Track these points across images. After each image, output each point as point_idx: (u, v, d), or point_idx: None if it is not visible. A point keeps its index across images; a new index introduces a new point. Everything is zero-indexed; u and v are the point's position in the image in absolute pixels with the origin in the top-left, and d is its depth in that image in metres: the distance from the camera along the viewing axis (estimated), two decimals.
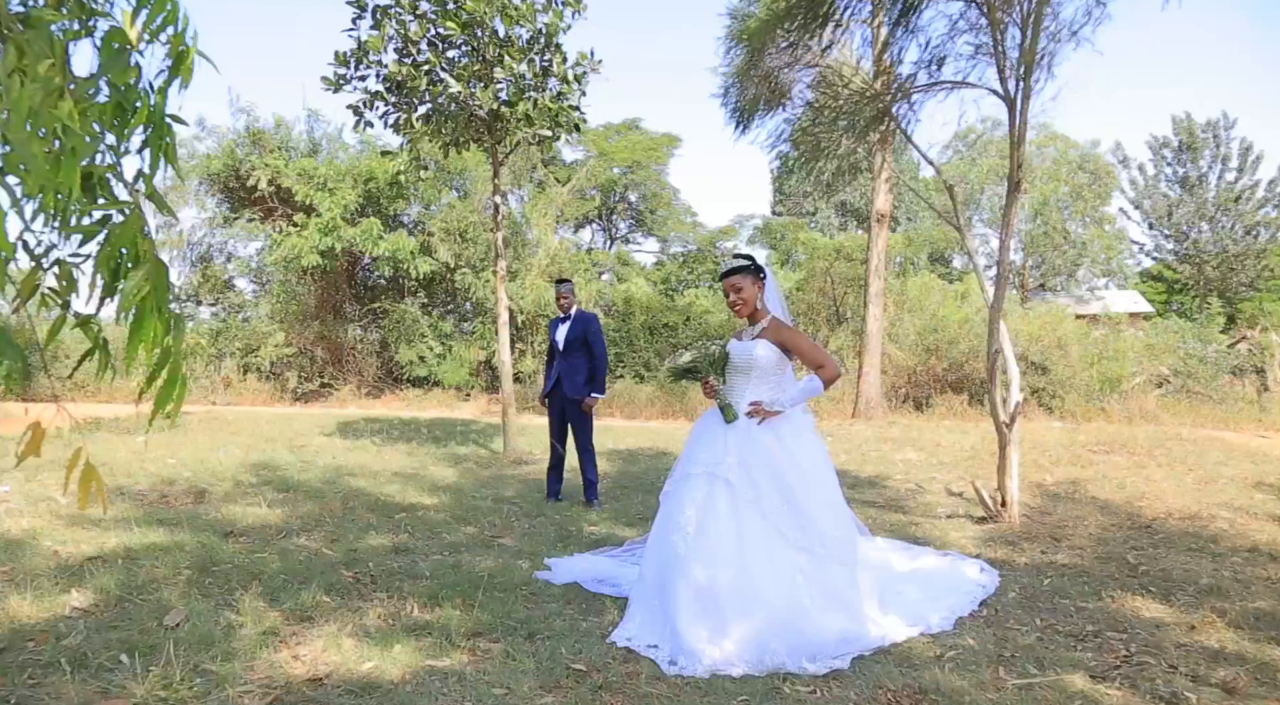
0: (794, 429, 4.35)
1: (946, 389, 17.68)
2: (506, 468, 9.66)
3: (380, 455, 10.39)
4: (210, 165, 19.78)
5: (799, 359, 4.48)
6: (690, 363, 4.44)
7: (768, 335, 4.43)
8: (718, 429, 4.40)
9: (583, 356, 7.51)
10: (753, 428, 4.31)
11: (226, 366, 20.51)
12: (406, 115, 9.47)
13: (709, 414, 4.58)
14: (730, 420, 4.35)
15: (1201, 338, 19.90)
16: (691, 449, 4.48)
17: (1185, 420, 15.84)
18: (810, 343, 4.56)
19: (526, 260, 20.89)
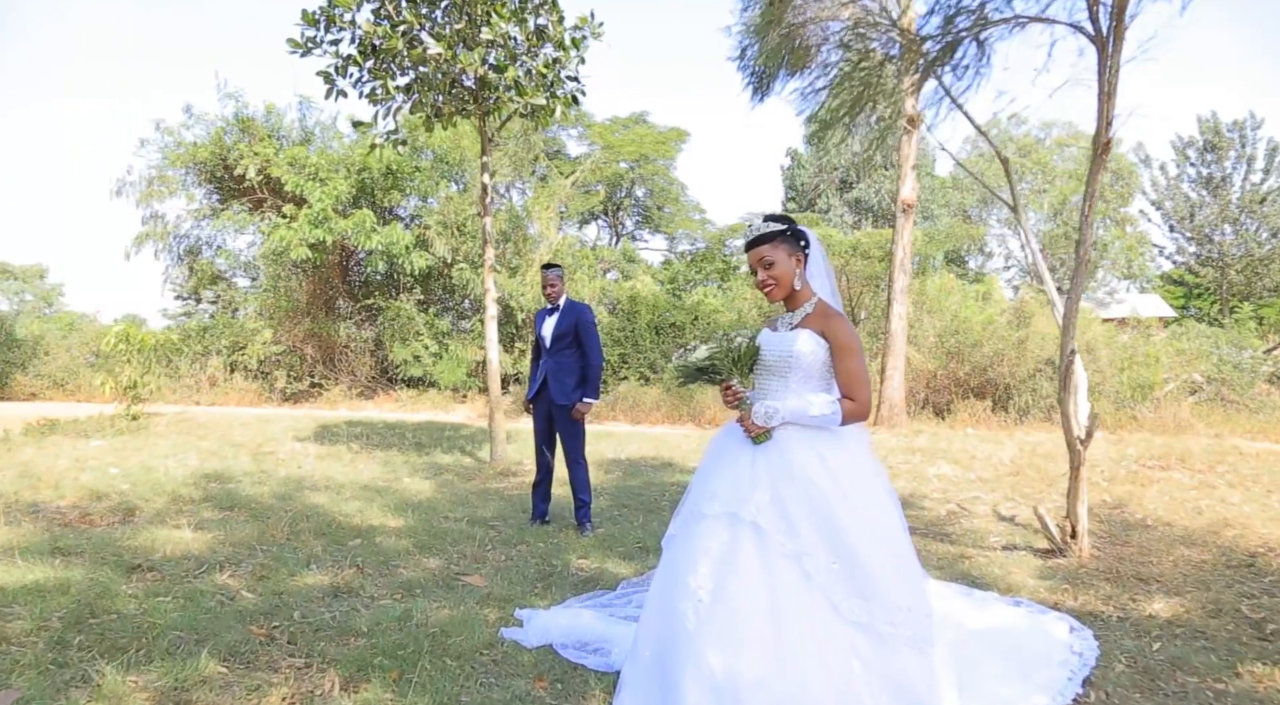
0: (845, 452, 3.15)
1: (969, 394, 16.46)
2: (490, 480, 8.48)
3: (353, 464, 9.22)
4: (196, 154, 18.63)
5: (834, 370, 3.22)
6: (707, 360, 3.22)
7: (813, 324, 3.22)
8: (742, 452, 3.20)
9: (573, 354, 6.33)
10: (791, 450, 3.10)
11: (213, 364, 19.37)
12: (383, 82, 8.29)
13: (729, 429, 3.38)
14: (760, 440, 3.16)
15: (1236, 343, 18.69)
16: (706, 479, 3.27)
17: (1221, 429, 14.63)
18: (861, 357, 3.21)
19: (528, 255, 19.72)
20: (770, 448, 3.12)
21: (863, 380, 3.13)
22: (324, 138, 20.02)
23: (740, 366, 3.21)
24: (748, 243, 3.30)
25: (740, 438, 3.23)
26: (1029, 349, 16.48)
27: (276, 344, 19.21)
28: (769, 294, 3.27)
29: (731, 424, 3.38)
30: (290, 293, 19.80)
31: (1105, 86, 4.96)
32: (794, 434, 3.12)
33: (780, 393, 3.18)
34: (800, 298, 3.29)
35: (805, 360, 3.13)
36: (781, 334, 3.25)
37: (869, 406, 3.15)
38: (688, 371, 3.27)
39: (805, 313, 3.26)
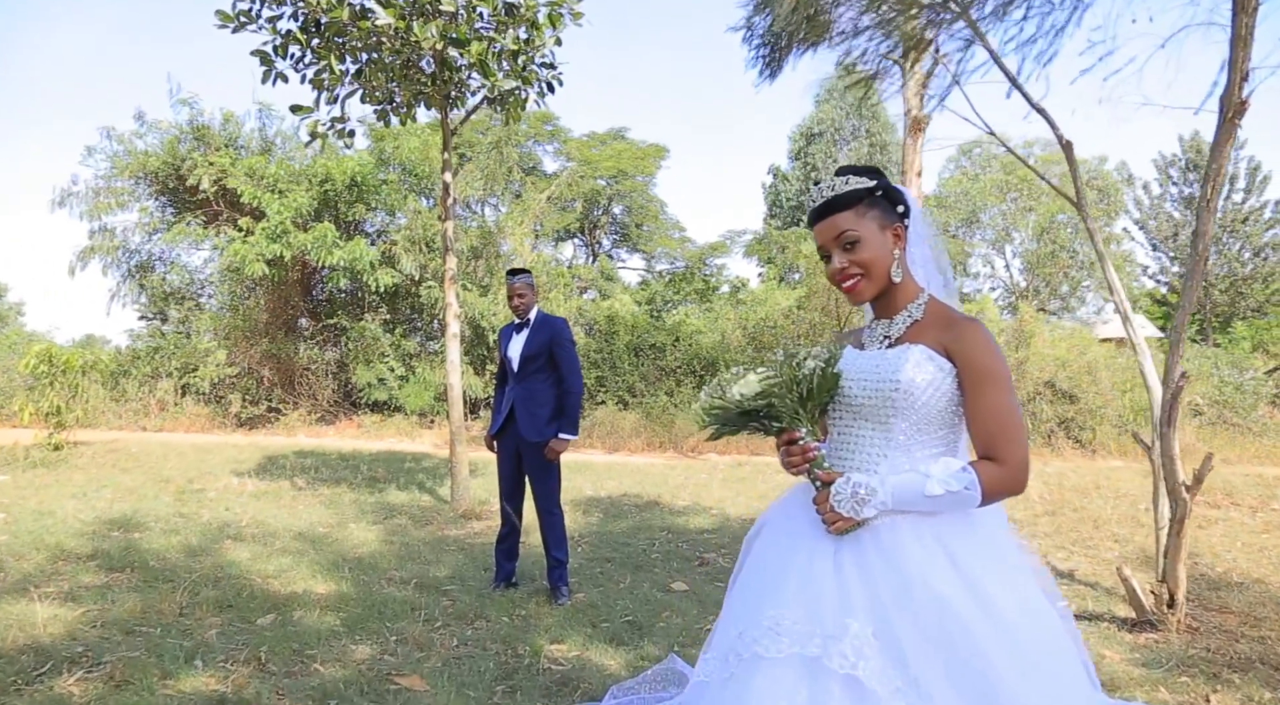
0: (987, 548, 1.88)
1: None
2: (449, 525, 7.16)
3: (292, 505, 7.88)
4: (147, 163, 17.23)
5: (965, 411, 1.93)
6: (757, 398, 1.95)
7: (926, 336, 1.97)
8: (819, 549, 1.92)
9: (546, 380, 5.06)
10: (903, 549, 1.84)
11: (162, 388, 17.87)
12: (328, 61, 7.02)
13: (791, 504, 2.13)
14: (844, 528, 1.91)
15: (1236, 365, 17.72)
16: (760, 593, 1.98)
17: (1227, 454, 13.64)
18: (1011, 390, 1.90)
19: (500, 273, 18.42)
20: (866, 543, 1.86)
21: (1015, 428, 1.86)
22: (285, 148, 18.71)
23: (810, 408, 1.95)
24: (816, 210, 2.04)
25: (812, 522, 1.97)
26: (1029, 372, 15.40)
27: (231, 366, 17.76)
28: (852, 291, 2.01)
29: (794, 493, 2.14)
30: (248, 311, 18.39)
31: (1240, 28, 3.79)
32: (905, 524, 1.87)
33: (876, 450, 1.93)
34: (901, 296, 2.04)
35: (919, 396, 1.88)
36: (876, 355, 1.99)
37: (1025, 471, 1.87)
38: (723, 416, 1.98)
39: (910, 319, 2.01)
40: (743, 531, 7.13)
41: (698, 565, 5.83)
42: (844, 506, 1.84)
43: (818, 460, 1.92)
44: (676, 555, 6.10)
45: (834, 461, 1.97)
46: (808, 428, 1.93)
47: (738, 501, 8.41)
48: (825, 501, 1.88)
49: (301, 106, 7.25)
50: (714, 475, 10.25)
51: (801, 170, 28.30)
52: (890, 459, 1.91)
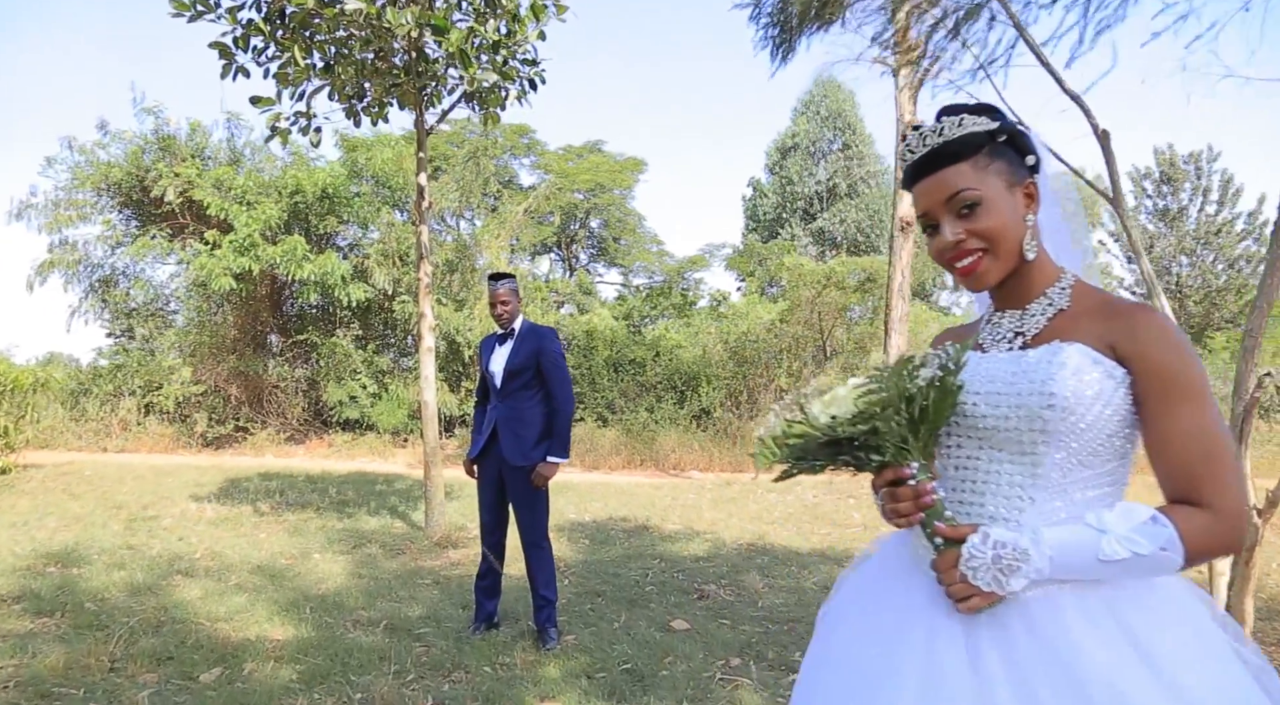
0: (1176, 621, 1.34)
1: None
2: (424, 554, 6.55)
3: (253, 533, 7.24)
4: (109, 173, 16.50)
5: (1147, 434, 1.36)
6: (855, 420, 1.36)
7: (1083, 331, 1.39)
8: (938, 632, 1.36)
9: (533, 397, 4.50)
10: (1074, 639, 1.26)
11: (125, 407, 17.08)
12: (292, 52, 6.44)
13: (885, 566, 1.57)
14: (980, 606, 1.33)
15: (1221, 376, 17.41)
16: (850, 695, 1.41)
17: None
18: (1214, 406, 1.33)
19: (476, 287, 17.82)
20: (1013, 625, 1.30)
21: (1224, 458, 1.30)
22: (254, 159, 18.02)
23: (924, 433, 1.40)
24: (917, 163, 1.50)
25: (929, 594, 1.42)
26: None
27: (197, 383, 17.01)
28: (970, 274, 1.45)
29: (891, 548, 1.59)
30: (215, 327, 17.67)
31: None
32: (1068, 597, 1.32)
33: (1014, 492, 1.37)
34: (1038, 277, 1.49)
35: (1083, 415, 1.32)
36: (1010, 359, 1.43)
37: (1242, 521, 1.32)
38: (801, 448, 1.42)
39: (1052, 307, 1.46)
40: (740, 559, 6.60)
41: (697, 599, 5.27)
42: (983, 576, 1.29)
43: (937, 509, 1.37)
44: (673, 587, 5.53)
45: (951, 508, 1.43)
46: (920, 462, 1.39)
47: (731, 524, 7.86)
48: (952, 568, 1.33)
49: (262, 98, 6.66)
50: (702, 495, 9.69)
51: (778, 184, 27.91)
52: (1037, 504, 1.36)
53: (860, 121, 26.93)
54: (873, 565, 1.61)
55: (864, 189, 26.43)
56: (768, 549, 6.74)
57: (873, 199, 26.28)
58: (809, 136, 27.07)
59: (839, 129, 26.93)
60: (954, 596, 1.33)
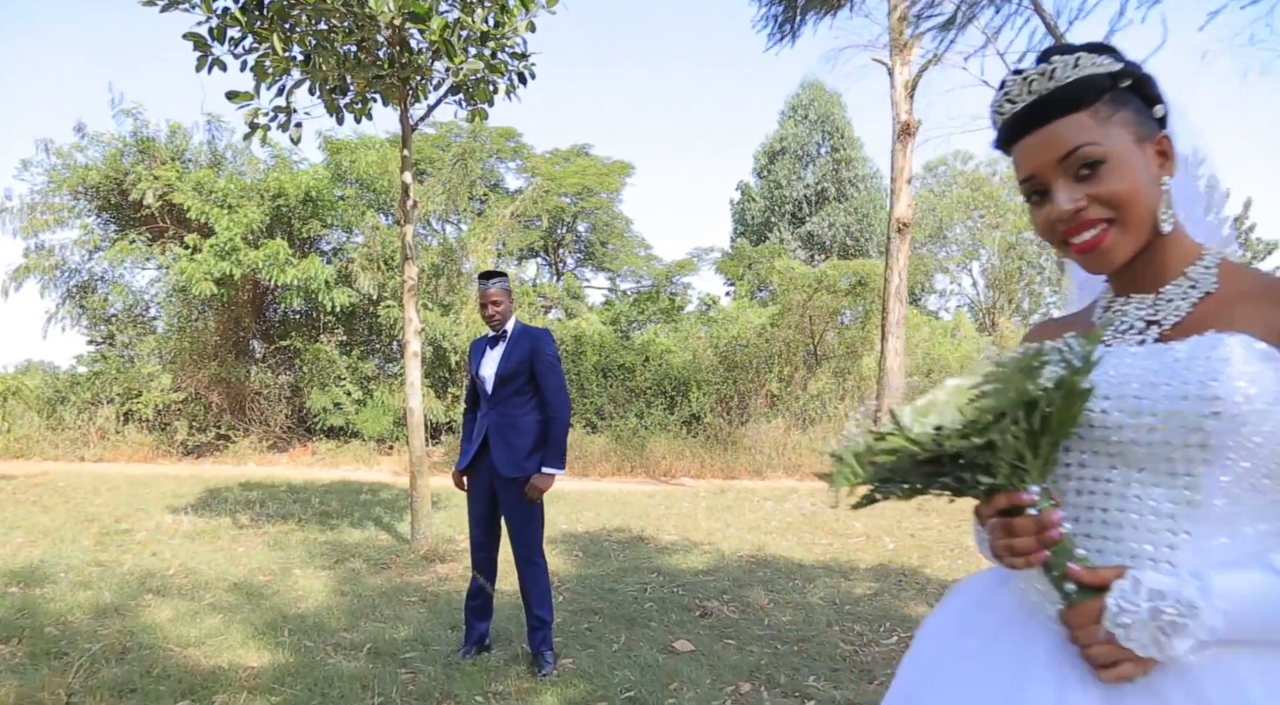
0: None
1: None
2: (410, 569, 6.23)
3: (231, 547, 6.90)
4: (87, 176, 16.08)
5: None
6: (966, 432, 1.05)
7: (1242, 318, 1.10)
8: None
9: (527, 403, 4.20)
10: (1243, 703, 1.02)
11: (103, 415, 16.65)
12: (270, 42, 6.11)
13: (985, 612, 1.27)
14: (1130, 674, 1.03)
15: None
16: None
17: None
18: None
19: (462, 292, 17.48)
20: (1175, 703, 1.03)
21: None
22: (236, 162, 17.64)
23: (1046, 448, 1.11)
24: (1021, 114, 1.21)
25: (1052, 653, 1.12)
26: None
27: (177, 391, 16.59)
28: (1092, 250, 1.13)
29: (989, 588, 1.30)
30: (195, 333, 17.26)
31: None
32: (1246, 665, 1.03)
33: (1163, 524, 1.07)
34: (1174, 254, 1.19)
35: (1257, 426, 1.03)
36: (1151, 353, 1.14)
37: None
38: (894, 467, 1.13)
39: (1197, 290, 1.17)
40: (742, 572, 6.29)
41: (699, 616, 4.97)
42: (1137, 636, 1.00)
43: (1066, 545, 1.08)
44: (673, 604, 5.23)
45: (1085, 537, 1.14)
46: (1041, 485, 1.10)
47: (729, 534, 7.56)
48: (1092, 624, 1.04)
49: (239, 93, 6.33)
50: (696, 504, 9.40)
51: (766, 188, 27.65)
52: (1194, 540, 1.07)
53: (848, 124, 26.72)
54: (965, 611, 1.32)
55: (853, 192, 26.21)
56: (769, 561, 6.45)
57: (862, 203, 26.06)
58: (797, 140, 26.83)
59: (827, 132, 26.69)
60: (1095, 661, 1.04)
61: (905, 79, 10.24)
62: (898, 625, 4.72)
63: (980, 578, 1.33)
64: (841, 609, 5.06)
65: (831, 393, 16.11)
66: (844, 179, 26.05)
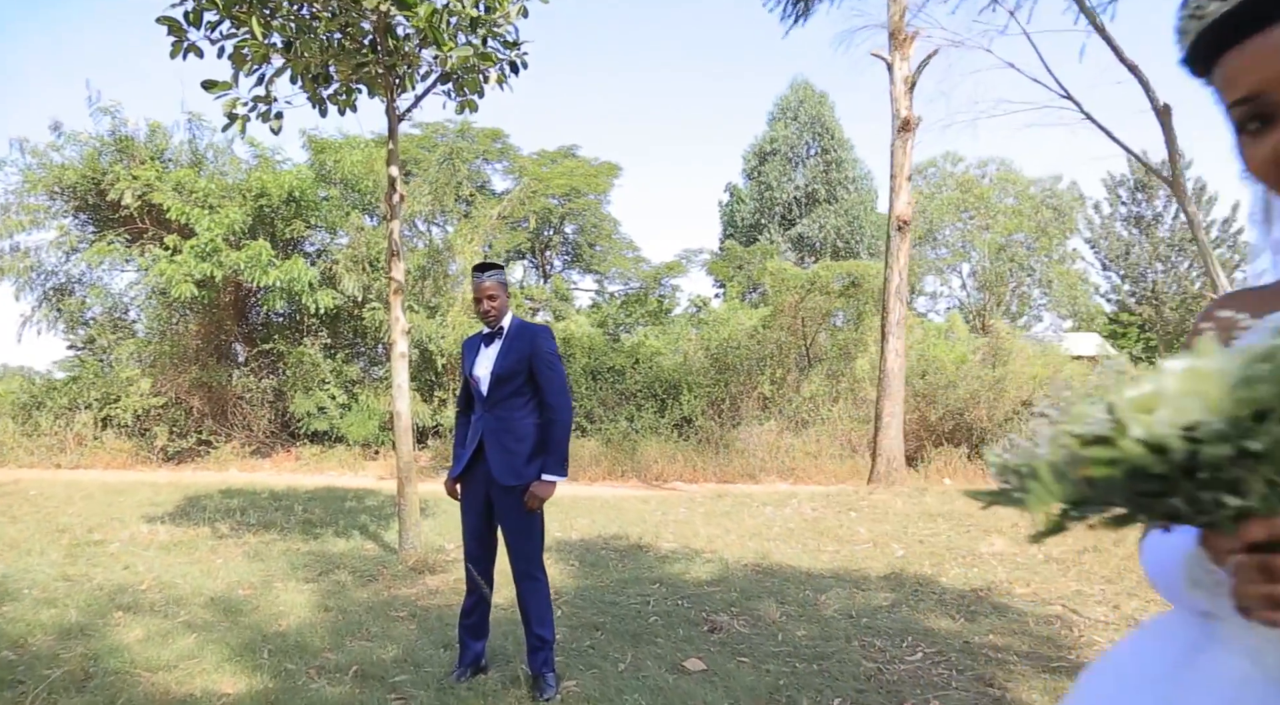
0: None
1: (942, 441, 14.41)
2: (398, 582, 5.88)
3: (210, 558, 6.54)
4: (63, 176, 15.63)
5: None
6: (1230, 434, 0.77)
7: None
8: None
9: (525, 406, 3.87)
10: None
11: (80, 420, 16.19)
12: (246, 24, 5.77)
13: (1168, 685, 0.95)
14: None
15: None
16: None
17: None
18: None
19: (449, 294, 17.14)
20: None
21: None
22: (218, 162, 17.21)
23: None
24: (1227, 17, 0.91)
25: None
26: (1006, 390, 14.53)
27: (157, 396, 16.16)
28: None
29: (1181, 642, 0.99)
30: (176, 337, 16.83)
31: None
32: None
33: None
34: None
35: None
36: None
37: None
38: (1104, 487, 0.81)
39: None
40: (749, 583, 5.96)
41: (709, 631, 4.65)
42: None
43: None
44: (680, 618, 4.91)
45: None
46: None
47: (729, 542, 7.24)
48: None
49: (216, 82, 5.96)
50: (694, 510, 9.08)
51: (756, 189, 27.36)
52: None
53: (838, 125, 26.47)
54: (1148, 671, 1.00)
55: (843, 194, 25.95)
56: (775, 570, 6.14)
57: (852, 204, 25.81)
58: (786, 141, 26.55)
59: (817, 133, 26.43)
60: None
61: (905, 74, 9.98)
62: (921, 640, 4.42)
63: (1181, 626, 1.01)
64: (859, 622, 4.76)
65: (825, 395, 15.84)
66: (834, 180, 25.81)
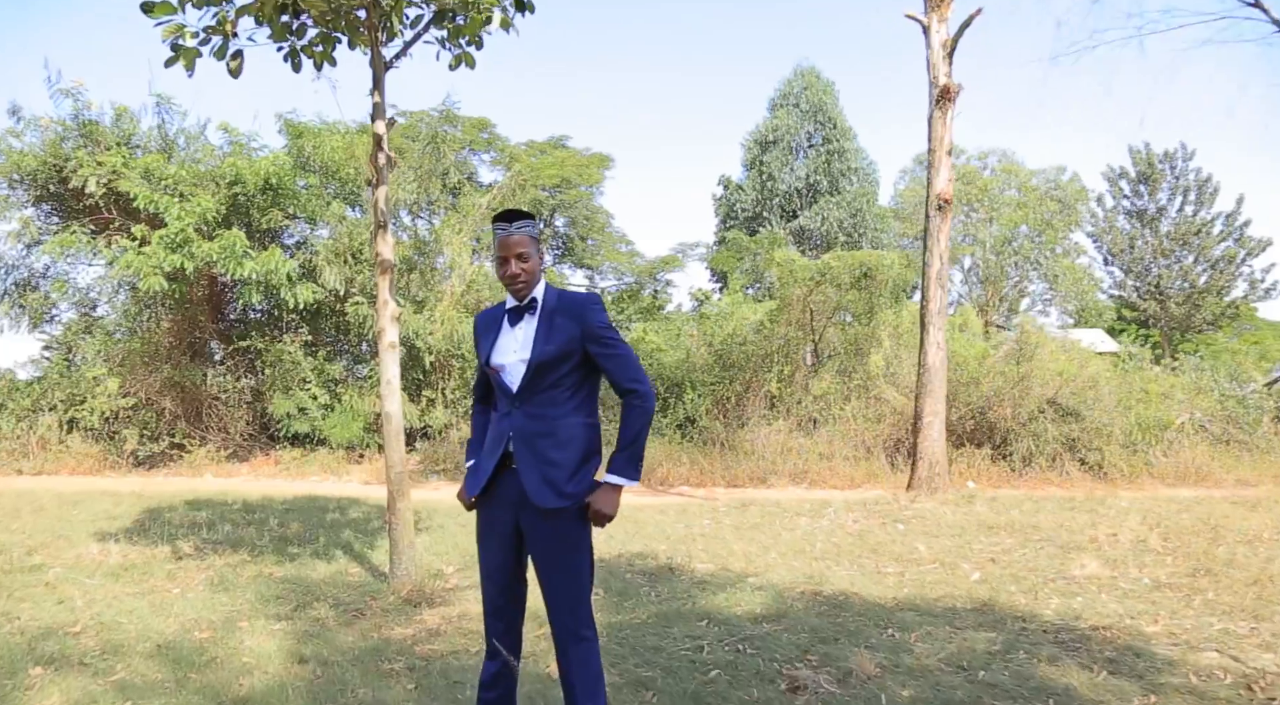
0: None
1: (964, 441, 13.46)
2: (390, 618, 4.83)
3: (165, 588, 5.46)
4: (21, 162, 14.44)
5: None
6: None
7: None
8: None
9: (570, 398, 2.84)
10: None
11: (44, 423, 15.00)
12: None
13: None
14: None
15: (1235, 377, 16.19)
16: None
17: (1246, 475, 12.39)
18: None
19: (437, 288, 16.04)
20: None
21: None
22: (190, 149, 16.05)
23: None
24: None
25: None
26: (1031, 388, 13.59)
27: (126, 396, 14.98)
28: None
29: None
30: (147, 334, 15.66)
31: None
32: None
33: None
34: None
35: None
36: None
37: None
38: None
39: None
40: (816, 619, 4.61)
41: (789, 691, 3.63)
42: None
43: None
44: (747, 671, 3.88)
45: None
46: None
47: (772, 562, 6.22)
48: None
49: (157, 4, 4.86)
50: (720, 522, 8.06)
51: (757, 179, 26.27)
52: None
53: (841, 114, 25.45)
54: None
55: (845, 185, 24.93)
56: (840, 601, 5.13)
57: (855, 196, 24.74)
58: (788, 130, 25.47)
59: (820, 122, 25.39)
60: None
61: (943, 38, 9.01)
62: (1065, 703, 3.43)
63: None
64: (974, 676, 3.75)
65: (836, 393, 14.85)
66: (836, 171, 24.77)
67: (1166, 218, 27.61)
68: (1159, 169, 27.44)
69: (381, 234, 5.60)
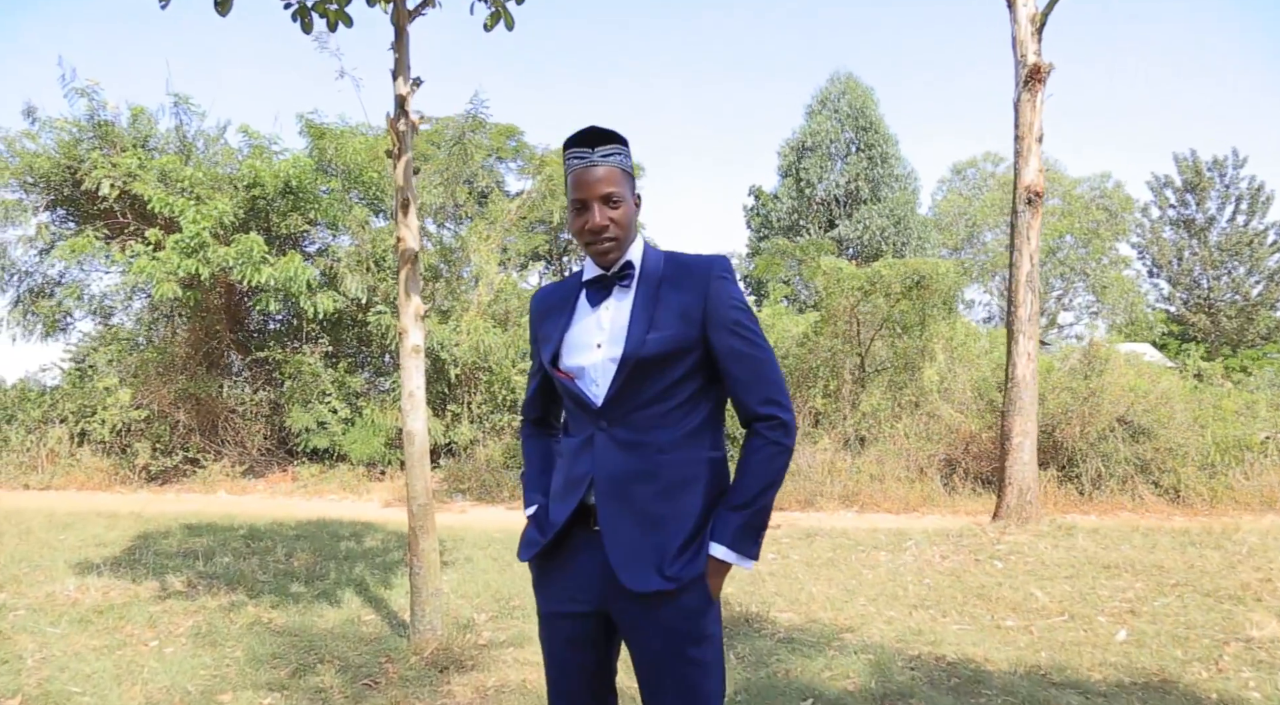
0: None
1: None
2: (411, 689, 3.80)
3: (141, 639, 4.47)
4: (35, 164, 13.65)
5: None
6: None
7: None
8: None
9: (683, 418, 1.82)
10: None
11: (54, 435, 14.17)
12: None
13: None
14: None
15: None
16: None
17: None
18: None
19: (463, 297, 15.09)
20: None
21: None
22: (208, 151, 15.24)
23: None
24: None
25: None
26: (1101, 405, 12.44)
27: (138, 408, 14.10)
28: None
29: None
30: (161, 343, 14.83)
31: None
32: None
33: None
34: None
35: None
36: None
37: None
38: None
39: None
40: (941, 693, 2.35)
41: None
42: None
43: None
44: None
45: None
46: None
47: (862, 610, 5.15)
48: None
49: None
50: (785, 554, 6.99)
51: (794, 186, 25.14)
52: None
53: (881, 120, 24.33)
54: None
55: (886, 193, 23.77)
56: (970, 671, 4.04)
57: (896, 204, 23.54)
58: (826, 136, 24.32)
59: (861, 128, 24.26)
60: None
61: (1031, 12, 7.99)
62: None
63: None
64: None
65: (886, 410, 13.75)
66: (877, 178, 23.62)
67: (1216, 227, 26.33)
68: (1207, 177, 26.19)
69: (403, 215, 4.60)
